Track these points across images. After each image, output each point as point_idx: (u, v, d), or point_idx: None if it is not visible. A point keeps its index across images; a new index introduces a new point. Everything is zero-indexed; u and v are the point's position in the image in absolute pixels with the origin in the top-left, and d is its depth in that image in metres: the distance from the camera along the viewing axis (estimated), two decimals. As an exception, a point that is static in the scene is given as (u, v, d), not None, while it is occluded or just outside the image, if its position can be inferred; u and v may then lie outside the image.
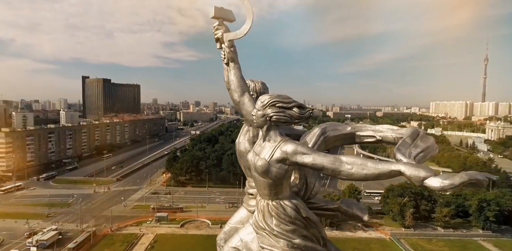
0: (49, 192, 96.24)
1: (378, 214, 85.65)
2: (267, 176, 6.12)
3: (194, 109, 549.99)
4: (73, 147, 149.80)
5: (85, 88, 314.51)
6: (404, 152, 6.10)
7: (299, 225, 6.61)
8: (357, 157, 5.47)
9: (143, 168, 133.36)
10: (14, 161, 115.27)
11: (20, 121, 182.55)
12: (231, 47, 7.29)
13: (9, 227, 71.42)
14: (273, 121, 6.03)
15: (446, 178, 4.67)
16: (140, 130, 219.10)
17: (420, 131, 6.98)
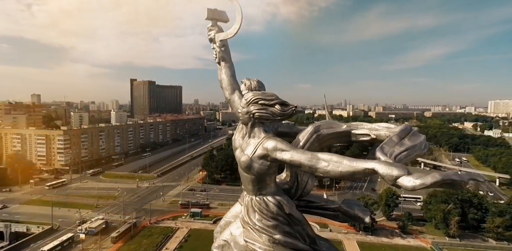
0: (98, 185, 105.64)
1: (419, 221, 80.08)
2: (250, 171, 6.27)
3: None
4: (121, 145, 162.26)
5: (133, 90, 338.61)
6: (387, 150, 6.01)
7: (281, 221, 6.64)
8: (334, 155, 5.43)
9: (182, 165, 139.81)
10: (71, 156, 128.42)
11: (77, 120, 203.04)
12: (222, 47, 7.78)
13: (63, 215, 79.95)
14: (256, 118, 6.20)
15: (419, 177, 4.54)
16: (180, 129, 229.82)
17: (411, 129, 6.78)
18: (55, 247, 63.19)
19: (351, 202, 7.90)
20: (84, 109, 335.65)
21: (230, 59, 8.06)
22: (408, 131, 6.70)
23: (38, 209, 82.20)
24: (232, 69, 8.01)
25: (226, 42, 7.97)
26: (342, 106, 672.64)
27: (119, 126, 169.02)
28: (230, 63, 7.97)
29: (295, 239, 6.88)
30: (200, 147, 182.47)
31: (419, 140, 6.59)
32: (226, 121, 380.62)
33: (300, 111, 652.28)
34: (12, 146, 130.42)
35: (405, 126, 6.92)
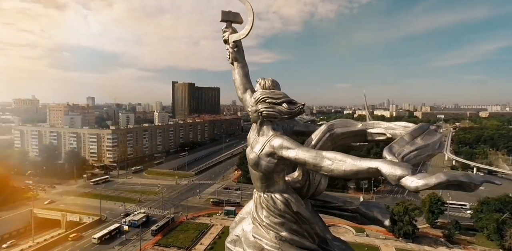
0: (141, 181, 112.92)
1: (469, 231, 73.32)
2: (258, 169, 6.51)
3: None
4: (162, 144, 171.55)
5: (174, 92, 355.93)
6: (396, 150, 5.86)
7: (289, 219, 6.71)
8: (339, 153, 5.44)
9: (218, 164, 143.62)
10: (118, 153, 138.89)
11: (124, 120, 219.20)
12: (235, 48, 8.16)
13: (110, 207, 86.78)
14: (264, 116, 6.41)
15: (422, 178, 4.43)
16: (218, 129, 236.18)
17: (427, 128, 6.50)
18: (104, 235, 69.28)
19: (370, 204, 7.77)
20: (131, 110, 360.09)
21: (243, 59, 8.35)
22: (423, 130, 6.42)
23: (89, 201, 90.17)
24: (244, 69, 8.24)
25: (239, 43, 8.26)
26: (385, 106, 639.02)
27: (161, 126, 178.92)
28: (243, 63, 8.23)
29: (302, 237, 6.89)
30: (236, 147, 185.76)
31: (433, 139, 6.30)
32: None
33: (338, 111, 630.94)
34: (69, 143, 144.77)
35: (420, 125, 6.64)
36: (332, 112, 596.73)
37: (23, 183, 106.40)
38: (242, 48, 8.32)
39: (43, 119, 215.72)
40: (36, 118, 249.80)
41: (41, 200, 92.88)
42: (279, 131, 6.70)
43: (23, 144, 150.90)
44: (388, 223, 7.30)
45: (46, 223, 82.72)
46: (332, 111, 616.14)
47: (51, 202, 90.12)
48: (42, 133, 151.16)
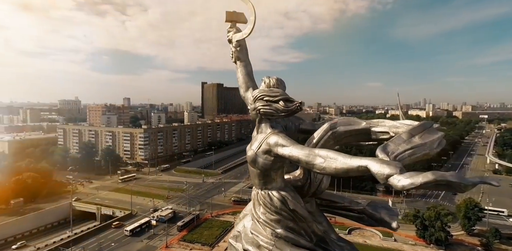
0: (170, 178, 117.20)
1: (511, 240, 67.44)
2: (255, 166, 6.65)
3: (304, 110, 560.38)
4: (191, 143, 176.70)
5: (203, 92, 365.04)
6: (391, 148, 5.80)
7: (285, 216, 6.75)
8: (331, 151, 5.46)
9: (244, 164, 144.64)
10: (149, 151, 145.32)
11: (156, 120, 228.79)
12: (237, 47, 8.36)
13: (140, 203, 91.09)
14: (262, 114, 6.51)
15: (409, 177, 4.41)
16: (245, 129, 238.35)
17: (428, 126, 6.36)
18: (135, 228, 73.26)
19: (378, 204, 7.53)
20: (163, 110, 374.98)
21: (246, 58, 8.47)
22: (423, 129, 6.25)
23: (121, 196, 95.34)
24: (247, 68, 8.32)
25: (243, 42, 8.40)
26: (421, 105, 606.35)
27: (190, 126, 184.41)
28: (245, 62, 8.35)
29: (298, 235, 6.89)
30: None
31: (432, 138, 6.11)
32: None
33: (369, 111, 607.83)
34: (105, 141, 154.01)
35: (422, 123, 6.47)
36: (363, 112, 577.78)
37: (64, 178, 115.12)
38: (245, 47, 8.45)
39: (84, 119, 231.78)
40: (78, 118, 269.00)
41: (78, 194, 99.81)
42: (278, 129, 6.72)
43: (66, 141, 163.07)
44: (396, 225, 6.93)
45: (83, 215, 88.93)
46: (363, 111, 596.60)
47: (77, 199, 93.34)
48: (81, 131, 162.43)
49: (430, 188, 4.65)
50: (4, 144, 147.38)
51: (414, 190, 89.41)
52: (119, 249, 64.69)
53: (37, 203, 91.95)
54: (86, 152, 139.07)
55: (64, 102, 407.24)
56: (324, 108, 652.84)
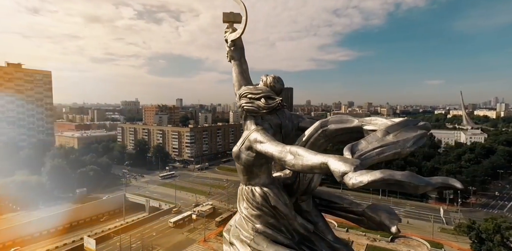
0: (212, 176, 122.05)
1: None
2: (239, 161, 6.87)
3: (346, 110, 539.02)
4: (234, 142, 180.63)
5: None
6: (361, 146, 5.70)
7: (266, 212, 6.89)
8: (302, 148, 5.52)
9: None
10: (195, 149, 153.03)
11: (203, 119, 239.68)
12: (231, 47, 8.75)
13: (183, 197, 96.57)
14: (245, 111, 6.75)
15: (360, 175, 4.35)
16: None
17: (408, 124, 6.00)
18: (178, 220, 78.06)
19: (379, 207, 7.23)
20: (211, 111, 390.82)
21: (241, 57, 8.74)
22: (402, 126, 5.91)
23: (168, 191, 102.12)
24: (240, 67, 8.56)
25: (238, 42, 8.68)
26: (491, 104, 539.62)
27: (233, 125, 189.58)
28: (239, 61, 8.61)
29: (277, 231, 6.95)
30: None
31: (407, 136, 5.74)
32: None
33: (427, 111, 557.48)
34: (156, 139, 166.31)
35: (401, 120, 6.12)
36: (420, 112, 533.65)
37: (121, 172, 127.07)
38: (240, 47, 8.69)
39: (141, 118, 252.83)
40: (137, 117, 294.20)
41: (131, 187, 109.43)
42: (263, 126, 6.83)
43: (124, 138, 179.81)
44: (396, 229, 6.55)
45: (134, 206, 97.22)
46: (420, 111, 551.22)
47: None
48: (136, 129, 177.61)
49: (379, 187, 4.40)
50: (74, 140, 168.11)
51: (467, 198, 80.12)
52: (162, 239, 69.36)
53: (97, 193, 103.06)
54: (139, 148, 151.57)
55: (125, 103, 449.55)
56: (376, 108, 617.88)
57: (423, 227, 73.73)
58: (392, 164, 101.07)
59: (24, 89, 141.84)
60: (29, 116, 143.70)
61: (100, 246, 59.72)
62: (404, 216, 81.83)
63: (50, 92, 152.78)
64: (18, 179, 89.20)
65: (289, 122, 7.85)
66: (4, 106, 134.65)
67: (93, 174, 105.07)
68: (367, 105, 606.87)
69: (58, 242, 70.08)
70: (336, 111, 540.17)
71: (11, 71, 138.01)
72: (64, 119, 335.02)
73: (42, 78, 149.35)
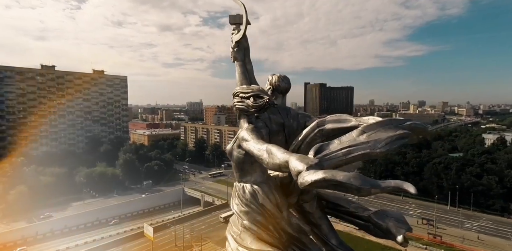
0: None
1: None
2: (231, 159, 7.09)
3: (414, 110, 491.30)
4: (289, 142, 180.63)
5: (306, 93, 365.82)
6: (332, 146, 5.62)
7: (254, 209, 6.97)
8: (276, 146, 5.56)
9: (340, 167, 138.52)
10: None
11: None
12: (235, 48, 9.06)
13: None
14: (238, 110, 6.90)
15: (308, 174, 4.27)
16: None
17: (389, 123, 5.65)
18: (229, 216, 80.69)
19: (387, 213, 6.82)
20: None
21: (244, 58, 8.92)
22: (382, 125, 5.64)
23: (221, 187, 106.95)
24: (243, 67, 8.69)
25: (243, 43, 8.91)
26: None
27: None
28: (242, 62, 8.77)
29: (263, 229, 7.00)
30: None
31: (380, 136, 5.47)
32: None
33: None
34: (214, 138, 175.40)
35: (384, 119, 5.89)
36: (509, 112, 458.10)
37: (182, 167, 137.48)
38: (243, 47, 8.94)
39: (203, 118, 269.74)
40: (199, 117, 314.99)
41: (189, 182, 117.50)
42: (256, 124, 6.96)
43: (186, 137, 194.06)
44: (402, 239, 6.08)
45: (191, 200, 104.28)
46: (509, 111, 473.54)
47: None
48: (197, 128, 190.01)
49: (331, 188, 4.19)
50: (145, 137, 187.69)
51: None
52: (212, 233, 73.03)
53: (160, 186, 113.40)
54: (199, 146, 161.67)
55: (190, 104, 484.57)
56: (452, 108, 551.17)
57: (498, 245, 63.66)
58: (465, 171, 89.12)
59: (106, 92, 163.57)
60: (109, 115, 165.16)
61: (157, 234, 65.56)
62: (477, 231, 71.58)
63: (125, 94, 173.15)
64: (98, 170, 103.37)
65: (294, 121, 7.79)
66: (90, 107, 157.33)
67: (157, 168, 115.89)
68: (441, 105, 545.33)
69: (125, 227, 79.26)
70: (404, 111, 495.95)
71: (96, 77, 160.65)
72: (139, 118, 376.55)
73: (120, 83, 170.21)
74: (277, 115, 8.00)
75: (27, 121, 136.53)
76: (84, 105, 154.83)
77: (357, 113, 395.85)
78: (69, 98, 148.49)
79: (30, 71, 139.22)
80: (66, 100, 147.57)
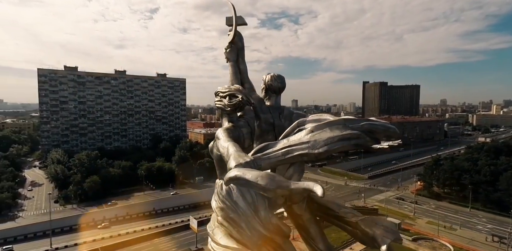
0: (313, 177, 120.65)
1: None
2: (212, 156, 7.56)
3: (497, 111, 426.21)
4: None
5: (365, 92, 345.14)
6: (278, 145, 5.94)
7: (228, 206, 7.10)
8: (233, 145, 5.71)
9: (397, 171, 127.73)
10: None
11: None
12: (227, 49, 9.68)
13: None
14: (218, 108, 7.48)
15: (231, 172, 4.41)
16: (409, 133, 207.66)
17: (344, 123, 5.61)
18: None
19: (375, 220, 6.58)
20: (326, 111, 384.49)
21: (236, 58, 9.46)
22: (330, 125, 5.60)
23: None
24: (235, 67, 9.14)
25: (237, 44, 9.42)
26: None
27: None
28: (234, 62, 9.27)
29: (234, 227, 7.11)
30: (431, 154, 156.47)
31: (321, 137, 5.46)
32: (482, 125, 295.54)
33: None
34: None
35: (336, 119, 5.85)
36: None
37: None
38: (237, 48, 9.29)
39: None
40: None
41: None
42: (237, 123, 7.36)
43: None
44: (385, 249, 5.92)
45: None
46: None
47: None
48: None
49: (247, 187, 4.45)
50: (201, 135, 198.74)
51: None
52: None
53: (211, 182, 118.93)
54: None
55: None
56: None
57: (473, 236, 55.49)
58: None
59: (167, 93, 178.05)
60: (170, 115, 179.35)
61: (201, 228, 69.05)
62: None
63: (184, 95, 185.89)
64: (157, 165, 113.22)
65: (286, 121, 7.89)
66: (154, 107, 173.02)
67: (208, 165, 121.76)
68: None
69: (176, 219, 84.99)
70: (484, 111, 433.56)
71: (159, 80, 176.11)
72: (198, 118, 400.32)
73: (179, 84, 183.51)
74: (268, 115, 8.08)
75: (103, 120, 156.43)
76: (149, 105, 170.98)
77: (425, 113, 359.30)
78: (137, 99, 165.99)
79: (105, 76, 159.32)
80: (134, 101, 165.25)
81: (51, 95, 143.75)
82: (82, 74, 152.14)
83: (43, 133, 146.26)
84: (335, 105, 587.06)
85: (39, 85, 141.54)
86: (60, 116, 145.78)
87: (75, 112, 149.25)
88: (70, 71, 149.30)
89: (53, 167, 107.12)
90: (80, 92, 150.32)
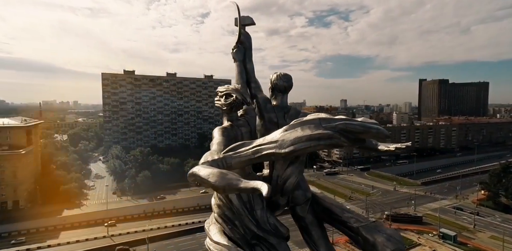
0: (358, 180, 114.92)
1: None
2: None
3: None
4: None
5: (421, 91, 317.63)
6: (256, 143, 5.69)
7: (224, 204, 7.39)
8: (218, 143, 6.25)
9: (457, 178, 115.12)
10: (345, 151, 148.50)
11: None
12: (234, 49, 9.65)
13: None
14: (217, 108, 7.55)
15: (194, 169, 4.45)
16: (474, 135, 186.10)
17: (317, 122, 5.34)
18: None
19: (378, 227, 6.38)
20: (378, 111, 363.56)
21: (243, 58, 9.38)
22: (302, 125, 5.24)
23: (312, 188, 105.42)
24: (240, 67, 9.09)
25: (244, 44, 9.42)
26: None
27: (391, 128, 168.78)
28: (239, 62, 9.21)
29: (228, 224, 7.23)
30: (498, 160, 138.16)
31: (291, 136, 5.16)
32: None
33: None
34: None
35: (310, 118, 5.32)
36: None
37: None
38: (244, 48, 9.37)
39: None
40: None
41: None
42: (235, 122, 7.45)
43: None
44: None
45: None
46: None
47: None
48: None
49: (200, 184, 4.84)
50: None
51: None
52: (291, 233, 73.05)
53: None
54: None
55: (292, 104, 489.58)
56: None
57: None
58: None
59: (213, 94, 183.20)
60: (216, 115, 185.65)
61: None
62: None
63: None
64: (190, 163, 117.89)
65: (291, 120, 8.01)
66: (201, 107, 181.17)
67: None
68: None
69: (196, 218, 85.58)
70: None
71: (206, 81, 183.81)
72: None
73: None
74: (272, 114, 8.11)
75: (156, 119, 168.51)
76: (197, 106, 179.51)
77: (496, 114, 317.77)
78: (186, 100, 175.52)
79: (158, 78, 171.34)
80: (183, 101, 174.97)
81: (113, 97, 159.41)
82: (138, 77, 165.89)
83: (106, 131, 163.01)
84: (388, 105, 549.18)
85: (103, 87, 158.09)
86: (120, 115, 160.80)
87: (132, 112, 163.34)
88: (128, 75, 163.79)
89: (112, 162, 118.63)
90: (137, 94, 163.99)
